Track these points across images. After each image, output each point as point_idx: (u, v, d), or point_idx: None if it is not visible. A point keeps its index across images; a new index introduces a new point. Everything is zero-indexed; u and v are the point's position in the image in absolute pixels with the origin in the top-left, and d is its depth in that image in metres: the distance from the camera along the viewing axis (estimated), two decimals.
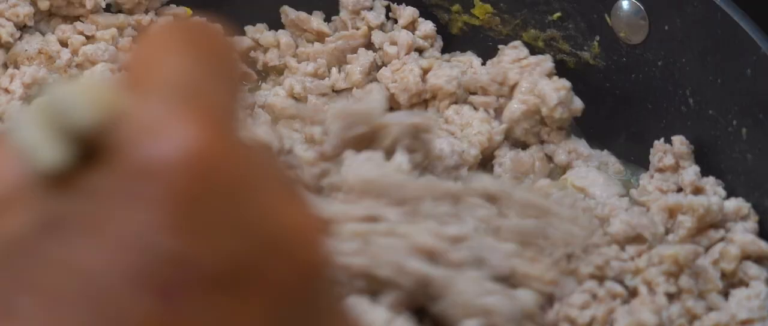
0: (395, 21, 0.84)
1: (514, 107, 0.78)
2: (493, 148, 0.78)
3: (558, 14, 0.81)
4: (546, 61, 0.80)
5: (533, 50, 0.82)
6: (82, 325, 0.33)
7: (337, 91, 0.81)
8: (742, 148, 0.74)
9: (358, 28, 0.83)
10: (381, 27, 0.83)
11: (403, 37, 0.81)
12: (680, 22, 0.76)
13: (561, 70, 0.82)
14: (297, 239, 0.36)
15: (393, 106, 0.80)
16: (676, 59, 0.77)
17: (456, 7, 0.84)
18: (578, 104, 0.79)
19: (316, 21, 0.83)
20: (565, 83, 0.78)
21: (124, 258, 0.33)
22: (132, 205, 0.33)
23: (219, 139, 0.34)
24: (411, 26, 0.83)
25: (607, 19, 0.80)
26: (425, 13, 0.84)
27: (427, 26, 0.83)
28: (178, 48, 0.37)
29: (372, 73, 0.81)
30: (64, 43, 0.80)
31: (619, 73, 0.80)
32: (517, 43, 0.82)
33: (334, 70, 0.82)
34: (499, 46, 0.82)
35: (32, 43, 0.79)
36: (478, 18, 0.84)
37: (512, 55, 0.81)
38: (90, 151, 0.34)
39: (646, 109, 0.80)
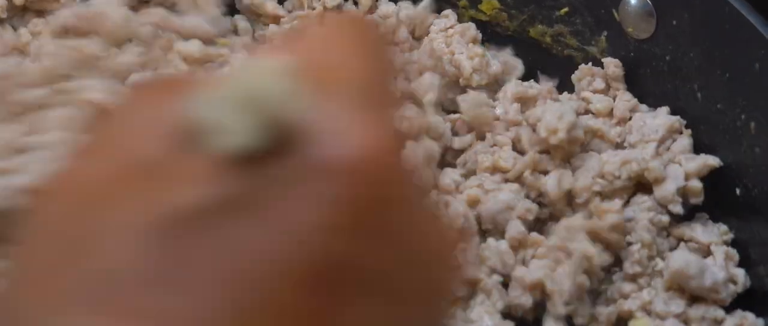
0: (356, 3, 0.84)
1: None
2: None
3: (565, 9, 0.81)
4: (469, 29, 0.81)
5: (541, 45, 0.82)
6: (235, 304, 0.33)
7: None
8: (750, 143, 0.74)
9: (313, 9, 0.83)
10: (338, 7, 0.83)
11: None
12: (688, 17, 0.76)
13: (569, 65, 0.81)
14: (441, 258, 0.37)
15: None
16: (683, 54, 0.77)
17: (463, 2, 0.84)
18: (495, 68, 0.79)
19: (270, 4, 0.83)
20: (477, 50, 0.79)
21: (295, 252, 0.33)
22: (311, 201, 0.34)
23: (392, 149, 0.35)
24: (372, 9, 0.83)
25: (615, 14, 0.79)
26: (433, 8, 0.84)
27: (388, 7, 0.83)
28: (355, 48, 0.38)
29: None
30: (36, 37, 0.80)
31: (626, 68, 0.80)
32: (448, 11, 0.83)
33: None
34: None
35: (6, 36, 0.79)
36: (485, 13, 0.84)
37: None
38: (278, 139, 0.34)
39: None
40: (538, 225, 0.75)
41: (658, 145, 0.75)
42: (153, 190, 0.34)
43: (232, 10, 0.84)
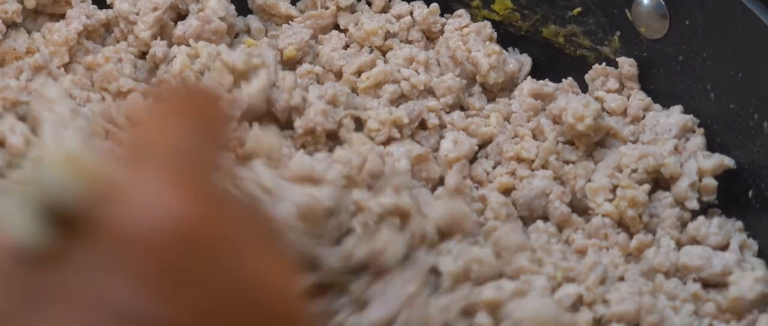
0: (369, 2, 0.84)
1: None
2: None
3: (578, 9, 0.81)
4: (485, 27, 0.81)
5: (553, 45, 0.83)
6: None
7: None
8: (763, 142, 0.74)
9: (326, 8, 0.83)
10: (351, 7, 0.83)
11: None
12: (701, 17, 0.76)
13: (581, 65, 0.82)
14: (276, 295, 0.37)
15: None
16: (696, 54, 0.77)
17: (476, 2, 0.84)
18: (512, 66, 0.80)
19: (283, 4, 0.83)
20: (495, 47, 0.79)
21: (104, 324, 0.34)
22: (113, 274, 0.34)
23: (201, 203, 0.36)
24: (385, 9, 0.84)
25: (628, 14, 0.80)
26: (445, 8, 0.84)
27: (401, 7, 0.83)
28: (177, 117, 0.40)
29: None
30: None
31: (639, 68, 0.80)
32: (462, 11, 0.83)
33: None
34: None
35: (19, 40, 0.79)
36: (498, 13, 0.84)
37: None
38: (73, 224, 0.35)
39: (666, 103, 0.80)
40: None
41: (676, 142, 0.76)
42: None
43: (245, 10, 0.84)
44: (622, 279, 0.70)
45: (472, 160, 0.77)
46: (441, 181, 0.75)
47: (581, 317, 0.68)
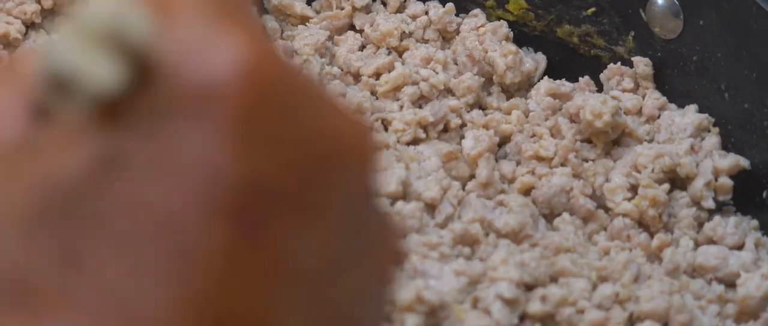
0: (384, 3, 0.84)
1: None
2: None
3: (592, 9, 0.82)
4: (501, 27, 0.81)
5: (568, 45, 0.83)
6: (156, 264, 0.31)
7: None
8: None
9: (342, 9, 0.83)
10: (366, 7, 0.83)
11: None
12: (715, 17, 0.77)
13: (596, 65, 0.82)
14: (355, 145, 0.34)
15: None
16: (711, 54, 0.77)
17: (490, 2, 0.84)
18: (529, 66, 0.80)
19: (299, 4, 0.83)
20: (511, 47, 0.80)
21: (192, 189, 0.31)
22: (193, 132, 0.31)
23: (267, 52, 0.32)
24: (401, 9, 0.84)
25: (642, 14, 0.80)
26: (460, 8, 0.84)
27: (417, 7, 0.83)
28: None
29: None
30: None
31: (654, 68, 0.80)
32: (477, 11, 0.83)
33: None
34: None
35: (39, 41, 0.78)
36: (512, 13, 0.84)
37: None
38: (142, 73, 0.31)
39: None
40: None
41: (692, 141, 0.76)
42: (21, 176, 0.31)
43: (260, 10, 0.83)
44: (649, 278, 0.71)
45: (497, 159, 0.77)
46: (470, 179, 0.75)
47: (613, 315, 0.68)
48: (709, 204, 0.74)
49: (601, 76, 0.81)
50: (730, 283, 0.72)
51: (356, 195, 0.35)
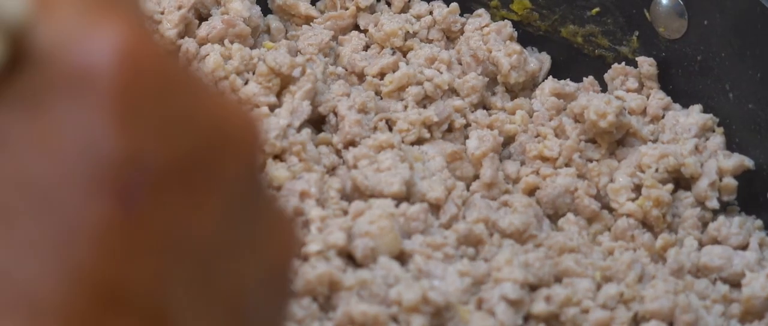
0: (388, 3, 0.84)
1: None
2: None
3: (597, 9, 0.82)
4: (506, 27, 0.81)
5: (572, 45, 0.83)
6: (39, 240, 0.31)
7: None
8: None
9: (346, 8, 0.83)
10: (371, 7, 0.83)
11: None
12: (719, 17, 0.77)
13: (600, 65, 0.82)
14: (240, 131, 0.35)
15: None
16: (715, 54, 0.77)
17: (495, 2, 0.84)
18: (533, 66, 0.80)
19: (303, 4, 0.83)
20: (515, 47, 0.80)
21: (72, 166, 0.31)
22: (71, 111, 0.32)
23: (144, 39, 0.33)
24: (405, 9, 0.84)
25: (646, 14, 0.80)
26: (464, 8, 0.84)
27: (421, 7, 0.83)
28: None
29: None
30: None
31: (658, 68, 0.80)
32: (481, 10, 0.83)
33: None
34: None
35: None
36: (516, 13, 0.84)
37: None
38: (17, 53, 0.32)
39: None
40: None
41: (696, 141, 0.76)
42: None
43: (264, 10, 0.83)
44: (654, 277, 0.71)
45: (501, 159, 0.77)
46: (474, 179, 0.75)
47: (618, 315, 0.68)
48: (714, 204, 0.74)
49: (606, 76, 0.81)
50: (735, 283, 0.72)
51: (245, 182, 0.35)
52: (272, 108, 0.74)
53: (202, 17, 0.81)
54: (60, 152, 0.31)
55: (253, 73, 0.75)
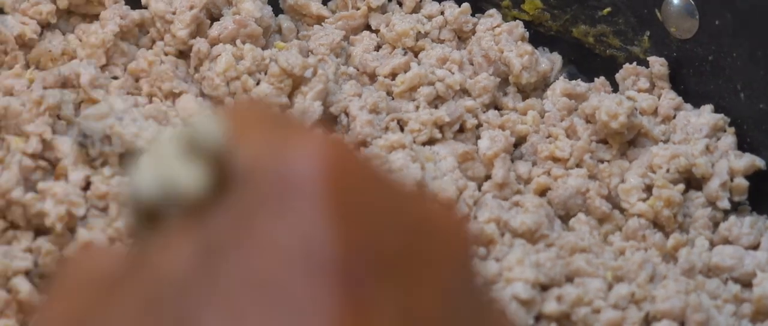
0: (399, 2, 0.84)
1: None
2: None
3: (608, 9, 0.82)
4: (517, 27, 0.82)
5: (583, 45, 0.83)
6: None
7: None
8: None
9: (358, 9, 0.83)
10: (382, 7, 0.83)
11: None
12: (731, 17, 0.77)
13: (611, 65, 0.82)
14: (445, 226, 0.38)
15: None
16: (726, 54, 0.77)
17: (506, 2, 0.84)
18: (545, 66, 0.80)
19: (314, 4, 0.83)
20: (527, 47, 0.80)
21: (296, 262, 0.34)
22: (287, 214, 0.35)
23: (340, 146, 0.37)
24: (416, 9, 0.84)
25: (658, 14, 0.80)
26: (476, 8, 0.84)
27: (432, 7, 0.83)
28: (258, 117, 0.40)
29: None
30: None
31: (669, 68, 0.80)
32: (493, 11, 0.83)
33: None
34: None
35: (55, 42, 0.78)
36: (527, 13, 0.84)
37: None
38: (223, 173, 0.36)
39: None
40: None
41: (708, 141, 0.76)
42: (138, 276, 0.36)
43: (276, 10, 0.84)
44: (665, 277, 0.71)
45: (512, 159, 0.77)
46: (486, 179, 0.75)
47: (629, 314, 0.68)
48: (725, 204, 0.74)
49: (617, 76, 0.81)
50: (746, 283, 0.72)
51: (460, 274, 0.38)
52: (284, 109, 0.74)
53: (214, 17, 0.81)
54: (280, 250, 0.35)
55: (265, 74, 0.76)
